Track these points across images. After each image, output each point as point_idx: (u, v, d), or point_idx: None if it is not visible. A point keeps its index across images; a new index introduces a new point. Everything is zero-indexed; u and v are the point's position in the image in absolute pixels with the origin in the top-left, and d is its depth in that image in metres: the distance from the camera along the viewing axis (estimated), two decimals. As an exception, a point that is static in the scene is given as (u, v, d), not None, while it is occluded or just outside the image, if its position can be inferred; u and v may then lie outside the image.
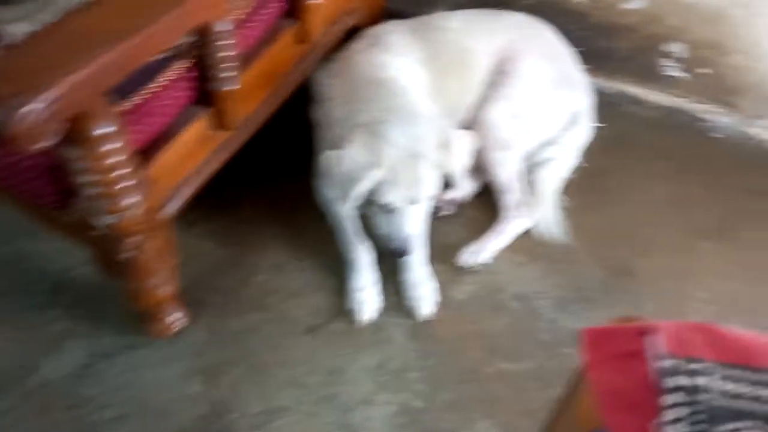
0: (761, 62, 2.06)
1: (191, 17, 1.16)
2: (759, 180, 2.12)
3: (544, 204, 1.98)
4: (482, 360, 1.70)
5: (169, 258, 1.45)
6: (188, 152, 1.42)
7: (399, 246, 1.68)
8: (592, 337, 0.66)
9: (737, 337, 0.61)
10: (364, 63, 1.72)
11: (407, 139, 1.55)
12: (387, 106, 1.60)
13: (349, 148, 1.55)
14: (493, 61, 1.97)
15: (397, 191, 1.59)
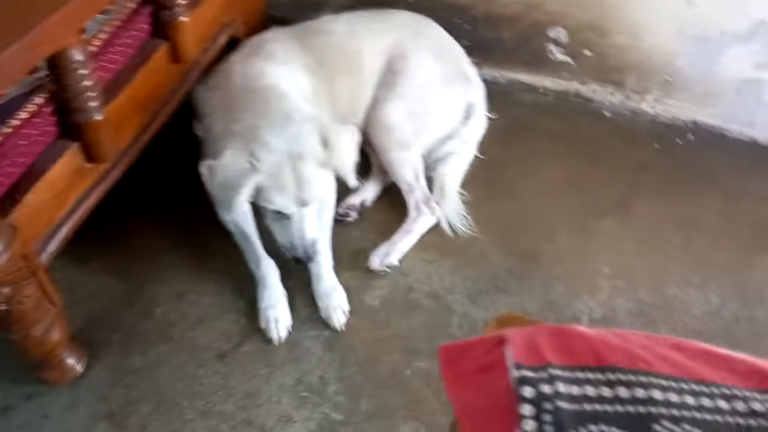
0: (642, 40, 2.14)
1: (38, 49, 1.08)
2: (646, 154, 2.20)
3: (448, 199, 1.98)
4: (401, 363, 1.69)
5: (51, 304, 1.36)
6: (60, 191, 1.34)
7: (301, 252, 1.63)
8: (448, 355, 0.64)
9: (586, 338, 0.61)
10: (242, 73, 1.67)
11: (285, 141, 1.50)
12: (262, 112, 1.55)
13: (224, 156, 1.50)
14: (382, 61, 1.96)
15: (284, 195, 1.54)
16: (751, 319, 1.81)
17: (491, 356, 0.60)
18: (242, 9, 1.90)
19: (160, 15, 1.50)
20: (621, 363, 0.58)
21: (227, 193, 1.51)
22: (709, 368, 0.58)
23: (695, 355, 0.59)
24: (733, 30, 2.02)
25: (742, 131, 2.24)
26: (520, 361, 0.58)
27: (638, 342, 0.61)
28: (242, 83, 1.64)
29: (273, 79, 1.64)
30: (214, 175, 1.51)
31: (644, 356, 0.58)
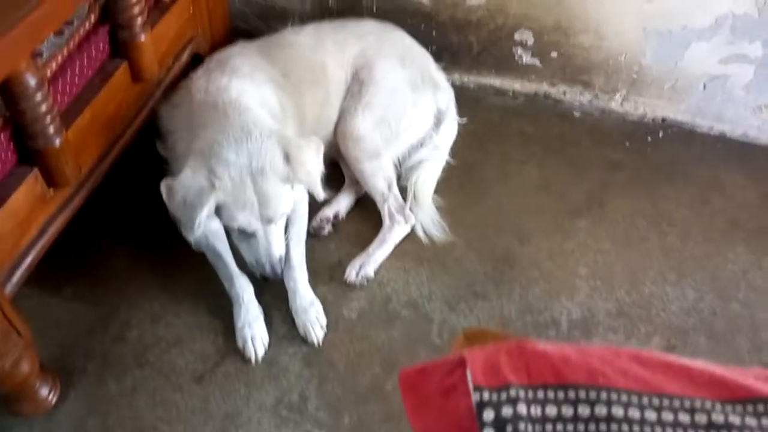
0: (607, 40, 2.15)
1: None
2: (617, 152, 2.21)
3: (422, 206, 1.98)
4: (381, 375, 1.68)
5: (18, 336, 1.33)
6: (22, 219, 1.31)
7: (268, 270, 1.60)
8: (408, 379, 0.63)
9: (545, 355, 0.60)
10: (204, 89, 1.64)
11: (245, 157, 1.47)
12: (222, 128, 1.51)
13: (183, 174, 1.46)
14: (349, 72, 1.95)
15: (246, 212, 1.50)
16: (728, 313, 1.82)
17: (452, 378, 0.58)
18: (206, 24, 1.87)
19: (119, 35, 1.47)
20: (581, 379, 0.57)
21: (187, 213, 1.47)
22: (670, 380, 0.57)
23: (655, 366, 0.59)
24: (696, 25, 2.03)
25: (712, 126, 2.26)
26: (480, 382, 0.57)
27: (598, 356, 0.60)
28: (203, 99, 1.61)
29: (234, 94, 1.61)
30: (173, 194, 1.47)
31: (604, 371, 0.57)
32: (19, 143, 1.28)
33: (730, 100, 2.17)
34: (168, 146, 1.71)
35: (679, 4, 2.00)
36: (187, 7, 1.74)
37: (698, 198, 2.09)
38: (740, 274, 1.91)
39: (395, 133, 1.94)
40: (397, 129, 1.94)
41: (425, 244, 1.94)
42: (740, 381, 0.57)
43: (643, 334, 1.77)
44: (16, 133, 1.26)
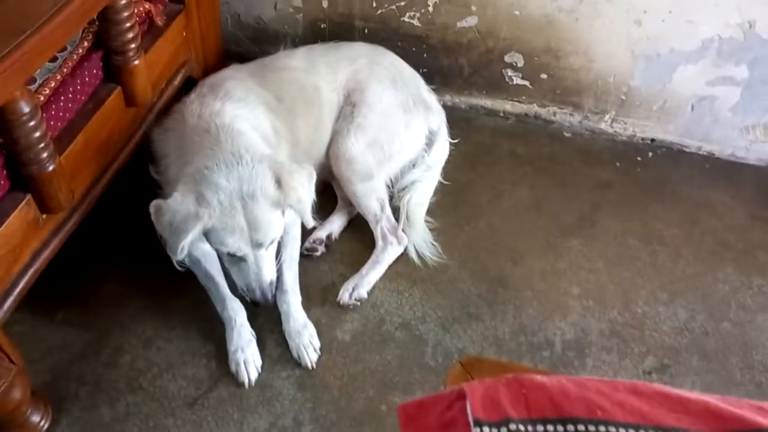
0: (596, 62, 2.18)
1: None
2: (608, 172, 2.24)
3: (415, 227, 1.98)
4: (375, 398, 1.67)
5: (10, 362, 1.31)
6: (15, 245, 1.30)
7: (259, 295, 1.59)
8: (407, 414, 0.63)
9: (544, 388, 0.60)
10: (196, 113, 1.65)
11: (235, 182, 1.47)
12: (214, 153, 1.52)
13: (172, 198, 1.46)
14: (341, 95, 1.96)
15: (236, 237, 1.50)
16: (719, 332, 1.84)
17: (452, 412, 0.59)
18: (198, 48, 1.88)
19: (112, 60, 1.48)
20: (579, 413, 0.57)
21: (172, 236, 1.47)
22: (666, 412, 0.58)
23: (652, 398, 0.59)
24: (683, 48, 2.07)
25: (700, 146, 2.29)
26: (480, 416, 0.57)
27: (596, 388, 0.60)
28: (196, 124, 1.62)
29: (227, 119, 1.61)
30: (161, 215, 1.47)
31: (602, 404, 0.58)
32: (12, 169, 1.28)
33: (717, 121, 2.20)
34: (160, 170, 1.71)
35: (667, 28, 2.03)
36: (180, 32, 1.75)
37: (688, 217, 2.11)
38: (731, 293, 1.92)
39: (387, 155, 1.95)
40: (389, 150, 1.95)
41: (418, 265, 1.94)
42: (735, 412, 0.58)
43: (636, 354, 1.78)
44: (9, 160, 1.26)
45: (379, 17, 2.21)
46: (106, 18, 1.39)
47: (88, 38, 1.45)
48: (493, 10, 2.11)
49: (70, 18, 1.20)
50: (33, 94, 1.21)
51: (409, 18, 2.19)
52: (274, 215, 1.53)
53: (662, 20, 2.02)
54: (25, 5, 1.17)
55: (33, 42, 1.11)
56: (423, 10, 2.16)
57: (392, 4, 2.17)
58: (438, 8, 2.15)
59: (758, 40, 1.99)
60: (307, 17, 2.27)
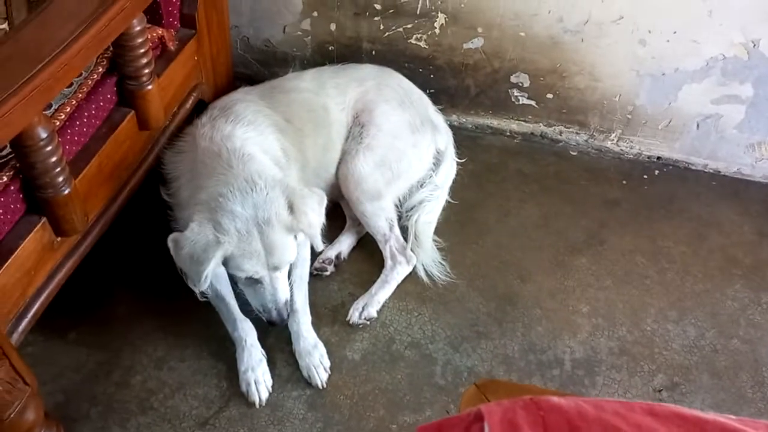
0: (601, 81, 2.20)
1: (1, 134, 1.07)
2: (615, 190, 2.25)
3: (423, 247, 1.99)
4: (386, 418, 1.67)
5: (25, 384, 1.32)
6: (30, 268, 1.32)
7: (275, 316, 1.63)
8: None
9: (561, 410, 0.61)
10: (207, 137, 1.67)
11: (250, 208, 1.50)
12: (226, 179, 1.54)
13: (189, 229, 1.48)
14: (350, 115, 1.99)
15: (253, 261, 1.52)
16: (729, 349, 1.84)
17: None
18: (209, 71, 1.91)
19: (126, 85, 1.51)
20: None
21: (194, 267, 1.49)
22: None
23: (668, 419, 0.60)
24: (688, 68, 2.09)
25: (706, 164, 2.30)
26: (499, 439, 0.58)
27: (613, 410, 0.61)
28: (207, 147, 1.64)
29: (238, 142, 1.63)
30: (180, 248, 1.49)
31: (619, 426, 0.58)
32: (28, 193, 1.30)
33: (723, 138, 2.21)
34: (171, 192, 1.73)
35: (671, 48, 2.05)
36: (191, 56, 1.78)
37: (696, 235, 2.11)
38: (740, 310, 1.92)
39: (396, 174, 1.97)
40: (397, 170, 1.97)
41: (427, 284, 1.95)
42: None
43: (646, 372, 1.78)
44: (25, 183, 1.28)
45: (386, 39, 2.24)
46: (121, 44, 1.42)
47: (103, 64, 1.48)
48: (499, 31, 2.14)
49: (86, 45, 1.23)
50: (50, 120, 1.24)
51: (415, 40, 2.22)
52: (289, 239, 1.56)
53: (667, 40, 2.04)
54: (44, 34, 1.20)
55: (51, 69, 1.14)
56: (429, 32, 2.19)
57: (399, 27, 2.20)
58: (444, 30, 2.17)
59: (762, 58, 2.01)
60: (315, 40, 2.30)
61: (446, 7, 2.12)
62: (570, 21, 2.07)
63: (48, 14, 1.23)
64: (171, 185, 1.74)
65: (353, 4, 2.18)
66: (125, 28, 1.37)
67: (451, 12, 2.13)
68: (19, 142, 1.17)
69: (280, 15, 2.26)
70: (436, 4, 2.11)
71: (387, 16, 2.18)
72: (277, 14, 2.26)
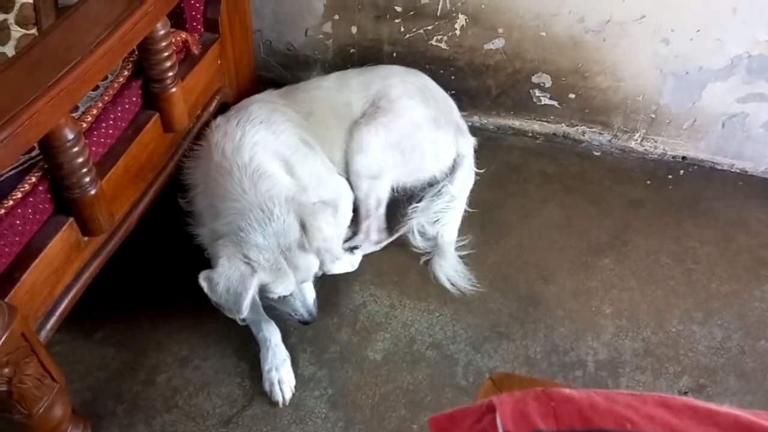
0: (623, 81, 2.18)
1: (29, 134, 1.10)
2: (639, 190, 2.22)
3: (446, 257, 1.97)
4: (407, 417, 1.67)
5: (53, 381, 1.35)
6: (57, 267, 1.35)
7: (307, 317, 1.68)
8: (437, 425, 0.64)
9: (573, 401, 0.61)
10: (220, 148, 1.68)
11: (273, 238, 1.54)
12: (242, 207, 1.57)
13: (220, 265, 1.52)
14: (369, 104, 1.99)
15: (285, 284, 1.58)
16: (757, 351, 1.80)
17: (481, 425, 0.59)
18: (232, 74, 1.94)
19: (151, 87, 1.53)
20: (608, 425, 0.58)
21: (232, 300, 1.52)
22: (695, 424, 0.58)
23: (681, 411, 0.59)
24: (712, 66, 2.06)
25: (732, 163, 2.26)
26: (510, 429, 0.58)
27: (625, 402, 0.61)
28: (219, 163, 1.65)
29: (246, 155, 1.64)
30: (215, 285, 1.52)
31: (631, 417, 0.58)
32: (56, 193, 1.33)
33: (749, 138, 2.18)
34: (188, 200, 1.76)
35: (695, 46, 2.03)
36: (215, 60, 1.80)
37: (722, 235, 2.08)
38: (767, 312, 1.89)
39: (405, 161, 1.97)
40: (409, 157, 1.97)
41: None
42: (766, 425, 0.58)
43: (672, 374, 1.75)
44: (53, 184, 1.31)
45: (407, 41, 2.25)
46: (146, 48, 1.45)
47: (128, 67, 1.51)
48: (520, 32, 2.14)
49: (112, 49, 1.25)
50: (76, 122, 1.27)
51: (436, 41, 2.22)
52: (311, 257, 1.60)
53: (690, 39, 2.02)
54: (71, 37, 1.23)
55: (78, 72, 1.17)
56: (450, 34, 2.20)
57: (420, 28, 2.21)
58: (465, 31, 2.18)
59: (789, 56, 1.98)
60: (336, 43, 2.32)
61: (467, 8, 2.12)
62: (591, 21, 2.06)
63: (75, 19, 1.27)
64: (187, 194, 1.76)
65: (374, 7, 2.19)
66: (149, 32, 1.40)
67: (472, 13, 2.13)
68: (47, 143, 1.20)
69: (302, 18, 2.29)
70: (457, 5, 2.12)
71: (408, 18, 2.19)
72: (299, 18, 2.29)
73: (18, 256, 1.26)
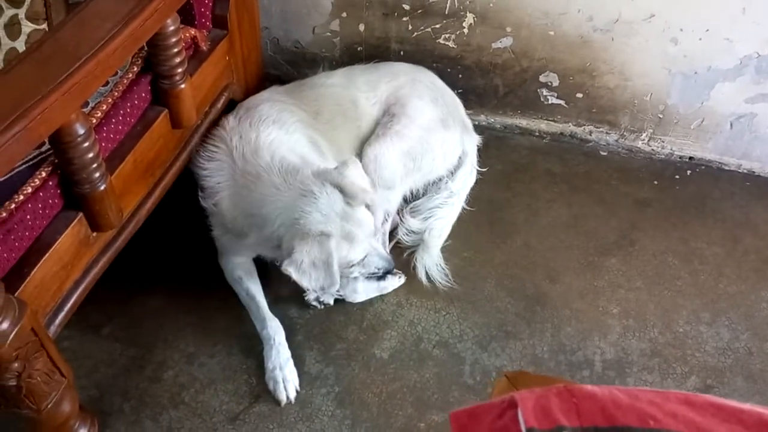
0: (631, 80, 2.18)
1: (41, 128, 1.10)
2: (646, 190, 2.22)
3: (429, 252, 1.97)
4: (414, 416, 1.67)
5: (61, 376, 1.35)
6: (67, 262, 1.34)
7: (389, 266, 1.78)
8: (459, 422, 0.64)
9: (595, 397, 0.60)
10: (239, 153, 1.67)
11: (326, 209, 1.58)
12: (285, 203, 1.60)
13: (297, 249, 1.55)
14: (381, 109, 1.99)
15: (358, 245, 1.64)
16: (764, 352, 1.80)
17: (503, 421, 0.59)
18: (240, 71, 1.93)
19: (160, 84, 1.53)
20: (631, 422, 0.57)
21: (323, 270, 1.56)
22: (719, 422, 0.58)
23: (705, 409, 0.59)
24: (721, 66, 2.05)
25: (740, 164, 2.26)
26: (532, 425, 0.58)
27: (648, 399, 0.60)
28: (244, 170, 1.65)
29: (266, 155, 1.65)
30: (300, 264, 1.55)
31: (654, 414, 0.58)
32: (66, 188, 1.33)
33: (757, 138, 2.18)
34: (213, 201, 1.72)
35: (704, 46, 2.03)
36: (223, 56, 1.80)
37: (730, 236, 2.08)
38: (775, 312, 1.89)
39: (417, 167, 1.97)
40: (420, 163, 1.97)
41: (455, 283, 1.93)
42: (789, 423, 0.58)
43: (679, 374, 1.75)
44: (63, 179, 1.31)
45: (414, 39, 2.24)
46: (155, 44, 1.45)
47: (138, 63, 1.50)
48: (528, 30, 2.13)
49: (122, 44, 1.25)
50: (87, 117, 1.27)
51: (444, 40, 2.22)
52: (363, 210, 1.66)
53: (699, 38, 2.01)
54: (82, 33, 1.23)
55: (89, 67, 1.17)
56: (458, 32, 2.19)
57: (428, 27, 2.20)
58: (473, 30, 2.17)
59: (798, 56, 1.98)
60: (343, 40, 2.32)
61: (475, 6, 2.12)
62: (600, 19, 2.06)
63: (86, 14, 1.27)
64: (211, 195, 1.73)
65: (382, 5, 2.19)
66: (159, 28, 1.39)
67: (480, 12, 2.13)
68: (58, 139, 1.20)
69: (310, 16, 2.28)
70: (465, 3, 2.11)
71: (415, 17, 2.19)
72: (306, 15, 2.28)
73: (28, 251, 1.26)
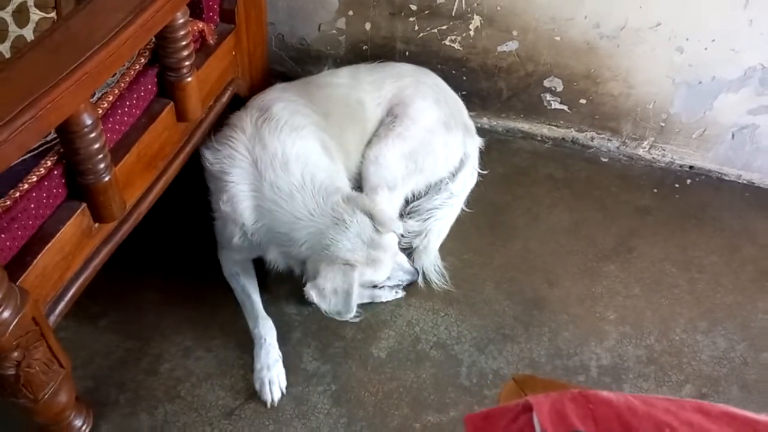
0: (635, 88, 2.18)
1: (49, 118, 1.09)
2: (646, 198, 2.23)
3: (428, 253, 1.97)
4: (410, 416, 1.67)
5: (60, 366, 1.35)
6: (68, 252, 1.34)
7: (413, 278, 1.86)
8: (475, 425, 0.64)
9: (611, 404, 0.61)
10: (263, 158, 1.66)
11: (354, 239, 1.62)
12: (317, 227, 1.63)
13: (322, 274, 1.61)
14: (384, 110, 1.99)
15: (382, 269, 1.70)
16: (760, 362, 1.81)
17: (518, 424, 0.59)
18: (246, 67, 1.93)
19: (166, 76, 1.53)
20: (647, 430, 0.58)
21: (342, 298, 1.62)
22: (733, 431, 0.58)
23: (719, 417, 0.59)
24: (725, 77, 2.06)
25: (740, 174, 2.27)
26: (548, 429, 0.58)
27: (663, 407, 0.61)
28: (274, 181, 1.65)
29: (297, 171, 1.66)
30: (322, 289, 1.61)
31: (670, 422, 0.58)
32: (70, 178, 1.33)
33: (758, 149, 2.19)
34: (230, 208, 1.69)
35: (710, 56, 2.03)
36: (230, 50, 1.80)
37: (728, 245, 2.09)
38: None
39: (419, 168, 1.98)
40: (422, 165, 1.98)
41: (453, 285, 1.94)
42: (803, 434, 0.58)
43: (674, 382, 1.76)
44: (68, 169, 1.30)
45: (420, 40, 2.24)
46: (164, 36, 1.44)
47: (145, 55, 1.50)
48: (534, 35, 2.14)
49: (133, 35, 1.24)
50: (95, 107, 1.26)
51: (450, 41, 2.22)
52: (389, 235, 1.70)
53: (705, 48, 2.02)
54: (93, 22, 1.22)
55: (100, 57, 1.16)
56: (464, 34, 2.19)
57: (434, 28, 2.20)
58: (479, 32, 2.18)
59: (802, 69, 1.99)
60: (349, 39, 2.32)
61: (482, 9, 2.12)
62: (606, 26, 2.06)
63: (97, 4, 1.26)
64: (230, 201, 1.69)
65: (389, 4, 2.19)
66: (170, 20, 1.39)
67: (487, 14, 2.13)
68: (65, 128, 1.19)
69: (316, 13, 2.28)
70: (472, 6, 2.12)
71: (422, 17, 2.19)
72: (313, 12, 2.28)
73: (30, 239, 1.26)
